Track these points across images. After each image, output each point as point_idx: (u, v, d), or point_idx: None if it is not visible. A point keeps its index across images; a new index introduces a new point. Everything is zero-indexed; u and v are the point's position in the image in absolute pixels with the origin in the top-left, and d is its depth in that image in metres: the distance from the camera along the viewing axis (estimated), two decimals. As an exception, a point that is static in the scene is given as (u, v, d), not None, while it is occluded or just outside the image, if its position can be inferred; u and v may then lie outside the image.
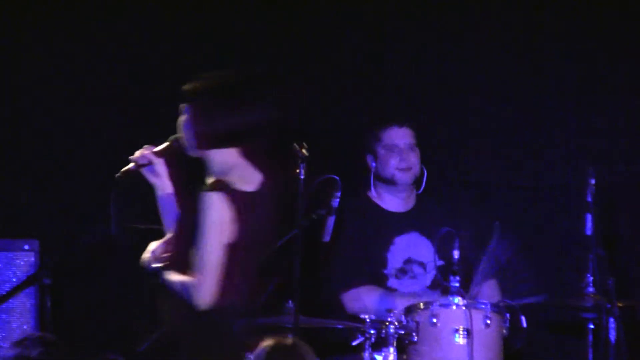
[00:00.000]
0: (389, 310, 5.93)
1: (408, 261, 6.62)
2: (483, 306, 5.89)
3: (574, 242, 6.53)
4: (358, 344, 5.82)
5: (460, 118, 7.57)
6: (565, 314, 6.69)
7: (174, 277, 5.44)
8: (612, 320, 5.96)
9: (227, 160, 5.52)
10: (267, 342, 4.61)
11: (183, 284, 5.36)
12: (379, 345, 5.78)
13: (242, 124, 5.57)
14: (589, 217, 6.08)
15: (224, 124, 5.51)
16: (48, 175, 7.81)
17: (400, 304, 6.17)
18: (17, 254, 6.73)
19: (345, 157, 7.10)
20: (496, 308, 5.94)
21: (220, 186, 5.43)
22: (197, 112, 5.59)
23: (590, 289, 5.99)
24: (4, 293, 6.17)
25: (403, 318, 5.85)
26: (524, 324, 5.99)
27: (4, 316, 6.58)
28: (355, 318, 6.04)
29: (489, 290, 6.49)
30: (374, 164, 6.72)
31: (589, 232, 6.05)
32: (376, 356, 5.79)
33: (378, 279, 6.57)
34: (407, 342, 5.82)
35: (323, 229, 5.74)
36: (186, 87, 5.66)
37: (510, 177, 7.45)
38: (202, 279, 5.32)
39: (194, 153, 5.58)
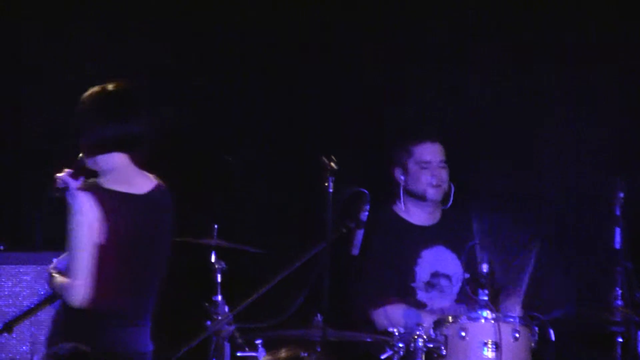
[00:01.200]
0: (418, 324, 6.00)
1: (435, 274, 6.65)
2: (512, 319, 5.93)
3: (603, 255, 6.53)
4: (386, 358, 5.91)
5: (489, 131, 7.57)
6: (594, 327, 6.57)
7: (58, 279, 5.34)
8: None
9: (112, 165, 5.39)
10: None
11: (61, 286, 5.28)
12: (408, 358, 5.83)
13: (119, 133, 5.44)
14: (618, 230, 6.13)
15: (99, 133, 5.39)
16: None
17: (429, 316, 6.24)
18: (46, 267, 6.22)
19: (368, 170, 7.16)
20: (525, 321, 5.96)
21: (88, 186, 5.35)
22: (77, 123, 5.53)
23: (619, 302, 6.02)
24: (33, 306, 6.06)
25: (432, 332, 5.88)
26: (553, 337, 6.02)
27: (32, 329, 6.63)
28: (384, 332, 6.12)
29: (517, 304, 6.41)
30: (402, 178, 6.71)
31: (617, 245, 6.11)
32: None
33: (407, 293, 6.60)
34: (435, 355, 5.85)
35: (352, 243, 5.76)
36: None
37: (539, 189, 7.44)
38: (73, 279, 5.23)
39: (89, 164, 5.45)
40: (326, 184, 5.57)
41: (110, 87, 5.52)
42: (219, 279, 6.08)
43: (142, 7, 7.96)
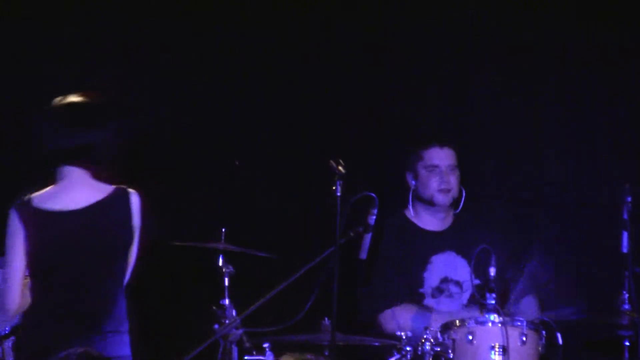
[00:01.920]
0: (426, 328, 6.04)
1: (445, 280, 6.70)
2: (519, 323, 5.92)
3: (611, 260, 6.47)
4: (396, 359, 5.98)
5: (499, 137, 7.59)
6: (602, 331, 6.54)
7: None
8: None
9: (61, 178, 5.49)
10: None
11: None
12: None
13: (64, 146, 5.49)
14: (625, 234, 6.10)
15: (50, 144, 5.48)
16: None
17: (436, 322, 6.26)
18: None
19: (382, 174, 7.18)
20: (532, 325, 5.96)
21: (18, 202, 5.42)
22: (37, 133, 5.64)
23: (627, 306, 6.00)
24: None
25: (439, 335, 5.91)
26: (560, 341, 6.04)
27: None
28: (392, 335, 6.16)
29: (528, 307, 6.54)
30: (413, 182, 6.78)
31: (625, 249, 6.08)
32: None
33: (415, 298, 6.65)
34: (443, 359, 5.90)
35: (360, 247, 5.74)
36: None
37: (548, 195, 7.47)
38: (4, 288, 5.36)
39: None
40: (334, 188, 5.55)
41: (61, 100, 5.55)
42: (227, 283, 6.08)
43: (142, 7, 7.88)
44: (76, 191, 5.45)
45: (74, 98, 5.55)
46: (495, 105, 7.67)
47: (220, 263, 6.12)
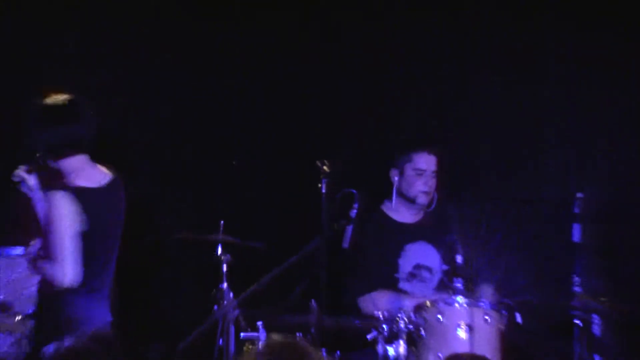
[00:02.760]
0: (400, 309, 6.29)
1: (417, 266, 6.91)
2: (483, 304, 6.20)
3: (564, 248, 6.59)
4: (373, 338, 6.17)
5: (468, 143, 7.64)
6: (556, 312, 6.67)
7: (42, 264, 5.71)
8: (596, 317, 6.28)
9: (73, 166, 5.76)
10: (271, 339, 4.97)
11: (47, 269, 5.62)
12: (391, 339, 6.13)
13: (71, 139, 5.82)
14: (577, 226, 6.39)
15: (54, 141, 5.78)
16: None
17: (410, 302, 6.45)
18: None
19: (362, 173, 7.22)
20: (495, 306, 6.23)
21: (62, 185, 5.68)
22: (30, 131, 5.93)
23: (578, 289, 6.31)
24: None
25: (412, 315, 6.15)
26: (520, 321, 6.26)
27: None
28: (371, 316, 6.43)
29: (487, 291, 6.65)
30: (397, 179, 6.95)
31: (576, 239, 6.38)
32: (388, 349, 6.12)
33: (391, 282, 6.83)
34: (415, 336, 6.12)
35: (342, 237, 6.21)
36: None
37: (510, 192, 7.50)
38: (60, 263, 5.57)
39: (53, 165, 5.81)
40: (320, 185, 6.06)
41: (53, 98, 5.89)
42: (225, 269, 6.29)
43: (143, 8, 7.79)
44: (94, 173, 5.84)
45: (61, 97, 5.90)
46: (470, 112, 7.74)
47: (219, 252, 6.32)
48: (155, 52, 7.88)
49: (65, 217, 5.70)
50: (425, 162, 6.91)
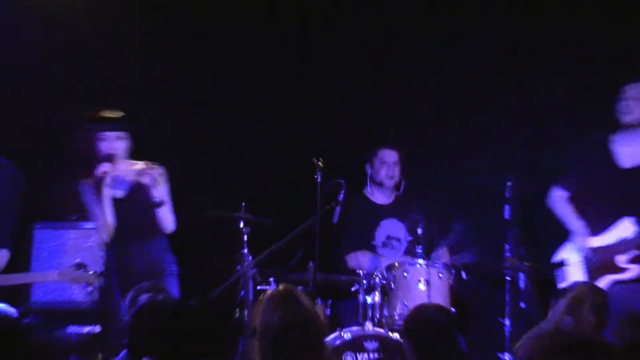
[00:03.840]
0: (376, 268, 6.47)
1: (389, 237, 7.08)
2: (437, 265, 6.38)
3: (499, 224, 6.51)
4: (355, 290, 6.38)
5: (428, 141, 7.67)
6: (492, 271, 6.65)
7: None
8: (521, 274, 6.38)
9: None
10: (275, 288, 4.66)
11: None
12: (369, 290, 6.33)
13: None
14: (507, 207, 6.40)
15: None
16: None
17: (383, 263, 6.60)
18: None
19: (349, 167, 7.16)
20: (446, 267, 6.41)
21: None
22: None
23: (508, 255, 6.35)
24: None
25: (385, 273, 6.36)
26: (465, 277, 6.52)
27: None
28: (354, 273, 6.51)
29: (442, 255, 6.88)
30: (370, 171, 7.13)
31: (506, 217, 6.38)
32: (367, 298, 6.30)
33: (369, 248, 7.01)
34: (387, 288, 6.33)
35: (333, 214, 6.28)
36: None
37: (458, 181, 7.49)
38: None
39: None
40: (316, 176, 6.09)
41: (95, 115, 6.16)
42: (245, 239, 6.31)
43: (146, 10, 7.53)
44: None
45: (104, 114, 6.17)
46: (427, 116, 7.73)
47: (241, 225, 6.33)
48: (181, 64, 7.68)
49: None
50: (387, 155, 7.06)
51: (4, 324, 3.93)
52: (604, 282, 6.15)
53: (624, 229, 6.24)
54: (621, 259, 6.19)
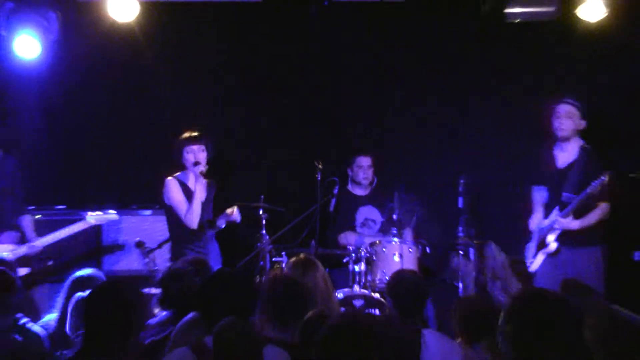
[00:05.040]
0: (362, 244, 6.48)
1: (366, 219, 6.99)
2: (407, 242, 6.43)
3: (455, 210, 6.47)
4: (346, 261, 6.37)
5: (394, 146, 7.47)
6: (449, 245, 6.53)
7: None
8: (471, 249, 6.31)
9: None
10: (293, 259, 4.92)
11: None
12: (357, 261, 6.31)
13: None
14: (460, 198, 6.41)
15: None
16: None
17: (367, 240, 6.54)
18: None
19: (338, 169, 6.90)
20: (414, 243, 6.43)
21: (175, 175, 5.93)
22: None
23: (461, 234, 6.37)
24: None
25: (368, 248, 6.36)
26: (428, 251, 6.51)
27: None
28: (344, 248, 6.52)
29: (411, 234, 6.75)
30: (350, 173, 7.00)
31: (460, 205, 6.41)
32: (355, 267, 6.28)
33: (352, 228, 6.93)
34: (370, 259, 6.33)
35: (329, 204, 6.47)
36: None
37: (424, 177, 7.34)
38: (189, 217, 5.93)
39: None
40: (316, 175, 6.26)
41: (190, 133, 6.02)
42: (264, 222, 6.21)
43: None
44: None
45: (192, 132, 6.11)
46: (396, 126, 7.49)
47: (260, 212, 6.22)
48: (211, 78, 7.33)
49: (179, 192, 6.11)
50: (362, 161, 6.94)
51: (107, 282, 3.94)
52: (540, 256, 6.16)
53: (554, 214, 6.17)
54: (549, 238, 6.12)
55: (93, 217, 6.20)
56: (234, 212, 6.12)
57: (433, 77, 7.36)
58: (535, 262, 6.13)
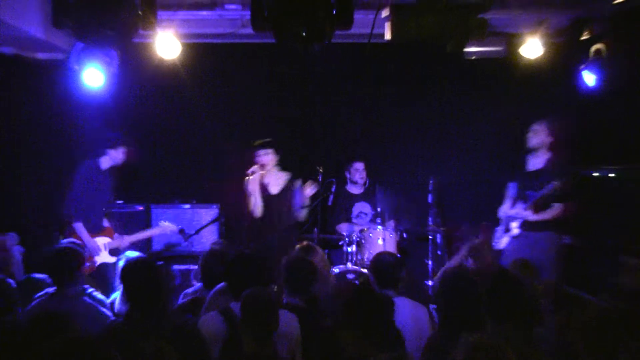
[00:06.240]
0: (353, 231, 6.47)
1: (360, 213, 6.91)
2: (389, 229, 6.41)
3: (426, 205, 6.48)
4: (342, 244, 6.41)
5: (381, 155, 7.33)
6: (423, 232, 6.55)
7: None
8: (439, 235, 6.48)
9: None
10: (299, 245, 4.94)
11: None
12: (349, 244, 6.34)
13: None
14: (430, 195, 6.49)
15: None
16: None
17: (357, 228, 6.51)
18: (209, 210, 6.90)
19: (336, 171, 6.81)
20: (394, 230, 6.45)
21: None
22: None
23: (431, 222, 6.48)
24: (203, 225, 6.36)
25: (359, 234, 6.37)
26: (405, 236, 6.50)
27: (204, 234, 6.41)
28: (340, 234, 6.61)
29: (392, 223, 6.60)
30: (348, 175, 6.92)
31: (430, 201, 6.49)
32: (348, 248, 6.31)
33: (349, 220, 6.86)
34: (360, 243, 6.33)
35: (328, 199, 6.40)
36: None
37: (402, 179, 7.28)
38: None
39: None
40: (318, 177, 6.21)
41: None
42: None
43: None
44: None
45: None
46: (382, 138, 7.35)
47: None
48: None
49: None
50: (358, 166, 6.85)
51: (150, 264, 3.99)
52: (505, 238, 6.02)
53: (519, 207, 5.99)
54: (513, 225, 6.00)
55: (164, 225, 6.22)
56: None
57: (410, 102, 7.32)
58: (501, 242, 6.01)
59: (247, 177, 5.90)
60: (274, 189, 6.03)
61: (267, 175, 5.95)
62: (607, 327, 3.00)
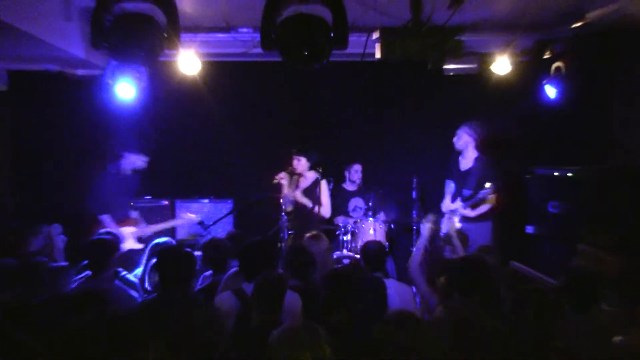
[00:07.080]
0: (348, 222, 6.44)
1: (355, 207, 6.90)
2: (380, 221, 6.37)
3: (410, 200, 6.38)
4: (338, 233, 6.39)
5: (373, 157, 7.20)
6: (408, 223, 6.48)
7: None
8: (423, 225, 5.41)
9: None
10: (309, 234, 4.83)
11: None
12: (345, 233, 6.32)
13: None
14: (414, 192, 6.36)
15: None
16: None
17: (351, 220, 6.49)
18: (225, 204, 6.89)
19: (336, 172, 6.70)
20: (384, 222, 6.40)
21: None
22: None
23: (415, 215, 6.36)
24: (219, 217, 6.38)
25: (353, 225, 6.35)
26: (392, 227, 6.52)
27: (220, 225, 6.36)
28: (337, 225, 6.52)
29: (382, 216, 6.63)
30: (347, 174, 6.89)
31: (414, 197, 6.35)
32: (344, 237, 6.29)
33: (346, 213, 6.83)
34: (354, 232, 6.29)
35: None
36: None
37: (390, 179, 7.18)
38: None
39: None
40: (319, 176, 6.03)
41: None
42: (283, 208, 5.95)
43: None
44: None
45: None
46: (377, 144, 7.22)
47: (281, 201, 5.97)
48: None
49: None
50: (356, 167, 6.86)
51: (177, 248, 3.99)
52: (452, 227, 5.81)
53: (458, 202, 6.06)
54: (455, 219, 6.05)
55: (185, 216, 6.16)
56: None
57: (397, 112, 7.28)
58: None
59: (279, 179, 5.90)
60: (302, 188, 6.06)
61: (298, 178, 6.03)
62: (545, 304, 3.06)
